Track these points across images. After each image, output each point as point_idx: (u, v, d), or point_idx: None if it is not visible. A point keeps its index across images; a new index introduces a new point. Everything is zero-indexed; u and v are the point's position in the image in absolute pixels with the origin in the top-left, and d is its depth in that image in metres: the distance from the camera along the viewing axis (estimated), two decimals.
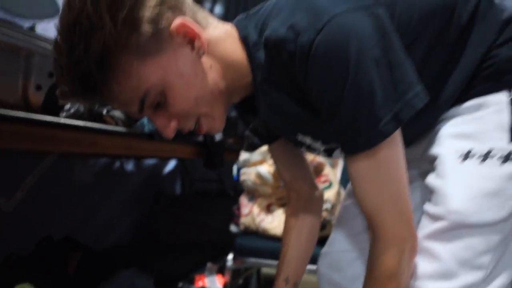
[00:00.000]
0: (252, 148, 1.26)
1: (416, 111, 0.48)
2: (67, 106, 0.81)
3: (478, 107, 0.58)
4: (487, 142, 0.56)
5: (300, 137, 0.65)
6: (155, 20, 0.49)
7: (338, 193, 1.17)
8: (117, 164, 1.76)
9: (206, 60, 0.54)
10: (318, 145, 0.66)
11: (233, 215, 1.29)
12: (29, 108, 0.78)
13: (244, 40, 0.57)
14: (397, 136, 0.51)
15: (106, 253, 1.39)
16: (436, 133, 0.61)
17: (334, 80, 0.47)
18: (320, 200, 0.85)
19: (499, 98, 0.57)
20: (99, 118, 0.90)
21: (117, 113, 0.90)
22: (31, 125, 0.71)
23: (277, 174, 1.13)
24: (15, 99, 0.76)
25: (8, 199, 0.93)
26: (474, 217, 0.54)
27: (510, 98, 0.57)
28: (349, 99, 0.47)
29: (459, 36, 0.58)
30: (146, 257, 1.43)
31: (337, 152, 0.68)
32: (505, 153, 0.55)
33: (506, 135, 0.56)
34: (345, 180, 1.29)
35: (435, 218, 0.56)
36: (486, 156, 0.56)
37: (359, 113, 0.47)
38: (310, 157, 1.13)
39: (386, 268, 0.54)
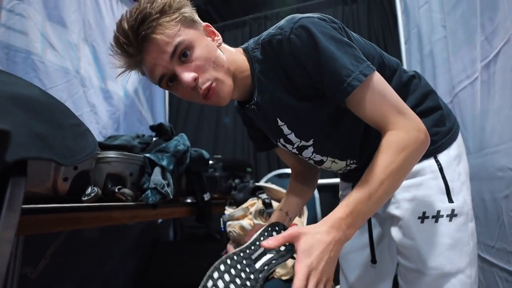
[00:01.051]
0: (234, 204, 1.35)
1: (373, 71, 0.58)
2: (88, 191, 0.88)
3: (415, 174, 0.68)
4: (434, 205, 0.66)
5: (280, 123, 0.72)
6: (194, 17, 0.66)
7: None
8: None
9: (220, 51, 0.67)
10: (292, 137, 0.73)
11: None
12: (57, 195, 0.85)
13: (245, 49, 0.71)
14: (375, 76, 0.59)
15: None
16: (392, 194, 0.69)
17: (308, 51, 0.59)
18: (315, 172, 0.92)
19: (430, 165, 0.68)
20: (112, 196, 0.97)
21: (127, 190, 0.98)
22: (60, 212, 0.78)
23: (256, 227, 1.22)
24: (46, 189, 0.82)
25: (34, 267, 0.96)
26: (447, 267, 0.63)
27: (438, 165, 0.68)
28: (325, 62, 0.58)
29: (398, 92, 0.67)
30: None
31: (307, 152, 0.75)
32: (449, 212, 0.65)
33: (445, 197, 0.66)
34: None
35: (416, 272, 0.65)
36: (437, 216, 0.66)
37: (333, 70, 0.57)
38: None
39: (396, 139, 0.56)
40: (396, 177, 0.56)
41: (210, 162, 1.61)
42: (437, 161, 0.69)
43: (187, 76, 0.61)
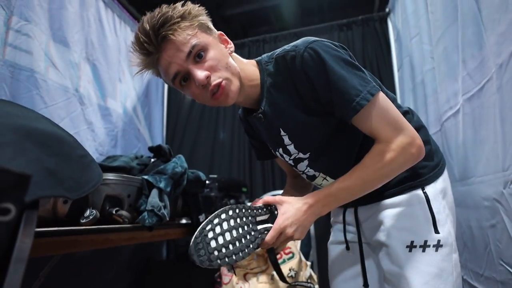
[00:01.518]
0: None
1: (378, 90, 0.66)
2: (86, 213, 0.90)
3: (404, 203, 0.73)
4: (421, 235, 0.70)
5: (282, 133, 0.78)
6: (209, 24, 0.73)
7: (300, 261, 1.28)
8: None
9: (232, 58, 0.74)
10: (291, 148, 0.79)
11: (215, 282, 1.34)
12: (56, 217, 0.87)
13: (258, 61, 0.78)
14: (380, 96, 0.66)
15: None
16: (381, 222, 0.74)
17: (318, 71, 0.66)
18: (307, 184, 0.96)
19: (418, 196, 0.72)
20: (110, 217, 0.99)
21: (124, 213, 1.00)
22: (58, 236, 0.79)
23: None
24: (46, 211, 0.84)
25: None
26: None
27: (425, 197, 0.72)
28: (334, 82, 0.65)
29: None
30: None
31: (302, 165, 0.81)
32: (435, 242, 0.69)
33: (432, 228, 0.70)
34: (303, 249, 1.41)
35: None
36: (424, 246, 0.69)
37: (343, 89, 0.65)
38: None
39: (386, 149, 0.65)
40: (377, 181, 0.67)
41: (206, 182, 1.63)
42: (425, 193, 0.73)
43: (200, 74, 0.67)
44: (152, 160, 1.27)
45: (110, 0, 1.99)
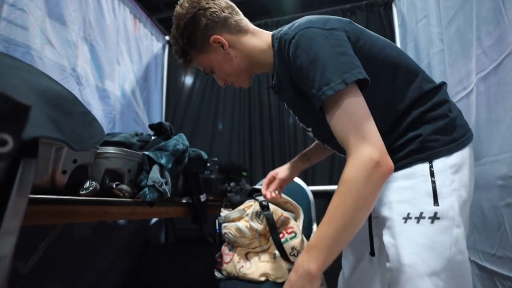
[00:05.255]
0: (230, 206, 1.35)
1: (358, 79, 0.63)
2: (86, 185, 0.88)
3: (409, 176, 0.71)
4: (419, 206, 0.68)
5: (285, 107, 0.89)
6: (204, 37, 0.82)
7: (302, 241, 1.26)
8: None
9: (232, 52, 0.84)
10: (297, 119, 0.89)
11: (216, 262, 1.33)
12: (55, 188, 0.85)
13: (272, 36, 0.84)
14: (354, 90, 0.64)
15: None
16: (386, 195, 0.73)
17: (299, 54, 0.68)
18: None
19: (424, 169, 0.70)
20: (110, 192, 0.97)
21: (125, 186, 0.98)
22: (58, 204, 0.78)
23: (252, 228, 1.22)
24: (44, 181, 0.82)
25: (25, 262, 0.94)
26: (422, 267, 0.64)
27: (430, 169, 0.70)
28: (308, 67, 0.66)
29: (420, 95, 0.74)
30: None
31: (310, 133, 0.88)
32: (432, 214, 0.66)
33: (431, 200, 0.68)
34: (306, 230, 1.40)
35: (396, 271, 0.66)
36: (419, 218, 0.67)
37: (315, 77, 0.65)
38: (278, 212, 1.25)
39: (344, 175, 0.62)
40: (355, 216, 0.62)
41: (208, 164, 1.61)
42: (431, 166, 0.70)
43: (219, 82, 0.91)
44: (153, 137, 1.25)
45: None
